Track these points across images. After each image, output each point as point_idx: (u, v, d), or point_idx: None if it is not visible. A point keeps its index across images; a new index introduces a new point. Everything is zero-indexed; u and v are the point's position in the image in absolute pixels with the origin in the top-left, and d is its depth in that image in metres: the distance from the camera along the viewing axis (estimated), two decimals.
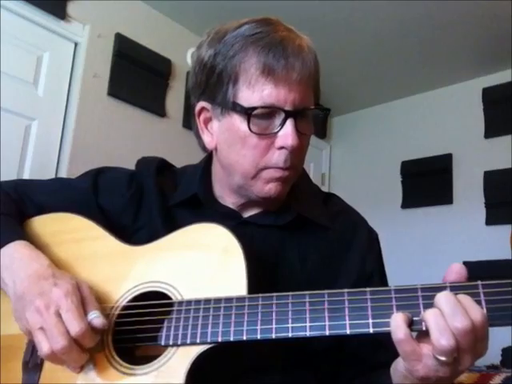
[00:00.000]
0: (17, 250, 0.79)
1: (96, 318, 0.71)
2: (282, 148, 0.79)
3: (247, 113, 0.78)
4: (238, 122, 0.80)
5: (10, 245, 0.79)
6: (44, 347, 0.69)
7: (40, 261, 0.77)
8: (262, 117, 0.78)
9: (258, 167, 0.81)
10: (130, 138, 2.77)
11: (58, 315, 0.69)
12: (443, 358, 0.59)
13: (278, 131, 0.79)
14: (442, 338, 0.58)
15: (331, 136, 4.27)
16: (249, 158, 0.81)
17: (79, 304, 0.71)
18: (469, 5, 2.74)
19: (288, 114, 0.78)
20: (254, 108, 0.77)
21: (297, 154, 0.81)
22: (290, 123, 0.78)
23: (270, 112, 0.78)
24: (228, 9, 2.73)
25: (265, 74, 0.77)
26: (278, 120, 0.79)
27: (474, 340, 0.59)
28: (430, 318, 0.59)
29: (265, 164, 0.81)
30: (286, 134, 0.78)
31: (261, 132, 0.79)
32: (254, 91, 0.78)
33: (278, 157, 0.80)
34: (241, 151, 0.81)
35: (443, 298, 0.59)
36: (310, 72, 0.80)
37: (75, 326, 0.68)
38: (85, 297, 0.73)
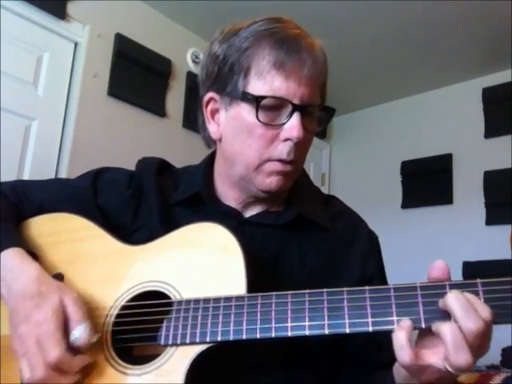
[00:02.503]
0: (9, 260, 0.78)
1: (77, 338, 0.70)
2: (286, 140, 0.80)
3: (257, 101, 0.79)
4: (246, 112, 0.81)
5: (3, 254, 0.78)
6: (25, 375, 0.70)
7: (29, 273, 0.76)
8: (269, 108, 0.80)
9: (261, 158, 0.82)
10: (130, 138, 2.77)
11: (38, 343, 0.69)
12: (455, 372, 0.59)
13: (284, 123, 0.80)
14: (460, 356, 0.58)
15: (331, 136, 4.27)
16: (254, 148, 0.82)
17: (58, 327, 0.70)
18: (469, 5, 2.74)
19: (295, 108, 0.79)
20: (264, 97, 0.79)
21: (300, 148, 0.82)
22: (296, 116, 0.80)
23: (278, 104, 0.80)
24: (228, 9, 2.73)
25: (276, 66, 0.79)
26: (285, 112, 0.80)
27: (483, 340, 0.59)
28: (447, 332, 0.59)
29: (268, 156, 0.81)
30: (292, 126, 0.79)
31: (268, 122, 0.80)
32: (265, 82, 0.80)
33: (281, 148, 0.81)
34: (246, 140, 0.82)
35: (454, 299, 0.59)
36: (320, 71, 0.82)
37: (50, 355, 0.68)
38: (69, 312, 0.72)
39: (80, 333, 0.70)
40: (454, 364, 0.58)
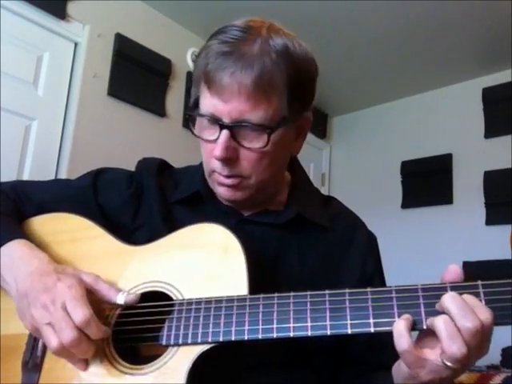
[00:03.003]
0: (16, 248, 0.79)
1: (126, 301, 0.74)
2: None
3: (191, 116, 0.82)
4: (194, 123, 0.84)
5: (9, 244, 0.80)
6: (53, 342, 0.69)
7: (40, 258, 0.78)
8: (207, 122, 0.80)
9: (209, 167, 0.83)
10: (130, 138, 2.77)
11: (65, 308, 0.70)
12: (453, 365, 0.59)
13: (216, 139, 0.79)
14: (453, 346, 0.58)
15: (331, 136, 4.27)
16: (204, 158, 0.85)
17: (83, 294, 0.71)
18: (469, 5, 2.74)
19: (222, 126, 0.78)
20: (198, 114, 0.80)
21: (242, 164, 0.80)
22: (222, 135, 0.78)
23: (211, 120, 0.79)
24: (228, 9, 2.73)
25: (207, 82, 0.78)
26: (218, 129, 0.79)
27: (481, 340, 0.59)
28: (440, 324, 0.59)
29: (212, 167, 0.82)
30: (216, 144, 0.78)
31: (205, 137, 0.81)
32: (202, 98, 0.80)
33: (215, 163, 0.81)
34: (201, 150, 0.85)
35: (450, 299, 0.60)
36: (256, 83, 0.74)
37: (79, 315, 0.69)
38: (100, 288, 0.75)
39: (125, 296, 0.74)
40: (449, 354, 0.59)
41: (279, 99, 0.78)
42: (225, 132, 0.77)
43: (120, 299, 0.75)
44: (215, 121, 0.78)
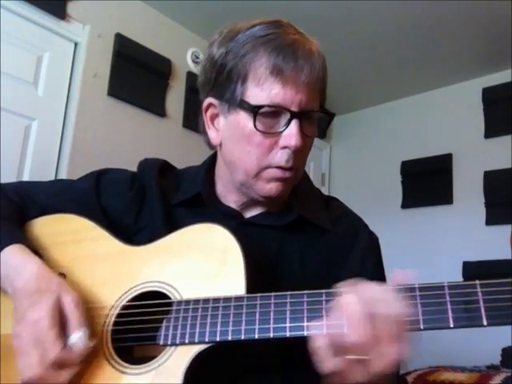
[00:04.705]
0: (10, 257, 0.78)
1: (74, 344, 0.70)
2: (285, 148, 0.80)
3: (254, 111, 0.79)
4: (245, 120, 0.81)
5: (4, 252, 0.78)
6: (24, 374, 0.70)
7: (30, 268, 0.76)
8: (267, 115, 0.79)
9: (260, 166, 0.82)
10: (130, 138, 2.77)
11: (35, 342, 0.69)
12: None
13: (282, 131, 0.80)
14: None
15: (331, 136, 4.27)
16: (252, 156, 0.81)
17: (54, 324, 0.70)
18: (469, 5, 2.74)
19: (293, 115, 0.79)
20: (261, 106, 0.78)
21: (299, 155, 0.82)
22: (294, 124, 0.79)
23: (276, 111, 0.79)
24: (228, 9, 2.73)
25: (274, 74, 0.78)
26: (283, 120, 0.80)
27: (370, 325, 0.58)
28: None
29: (268, 163, 0.81)
30: (290, 134, 0.79)
31: (266, 130, 0.80)
32: (262, 90, 0.79)
33: (280, 156, 0.81)
34: (245, 148, 0.82)
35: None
36: (317, 76, 0.81)
37: (49, 353, 0.68)
38: (68, 313, 0.72)
39: (78, 338, 0.70)
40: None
41: (322, 94, 0.86)
42: (296, 121, 0.79)
43: (72, 339, 0.71)
44: (282, 111, 0.79)
